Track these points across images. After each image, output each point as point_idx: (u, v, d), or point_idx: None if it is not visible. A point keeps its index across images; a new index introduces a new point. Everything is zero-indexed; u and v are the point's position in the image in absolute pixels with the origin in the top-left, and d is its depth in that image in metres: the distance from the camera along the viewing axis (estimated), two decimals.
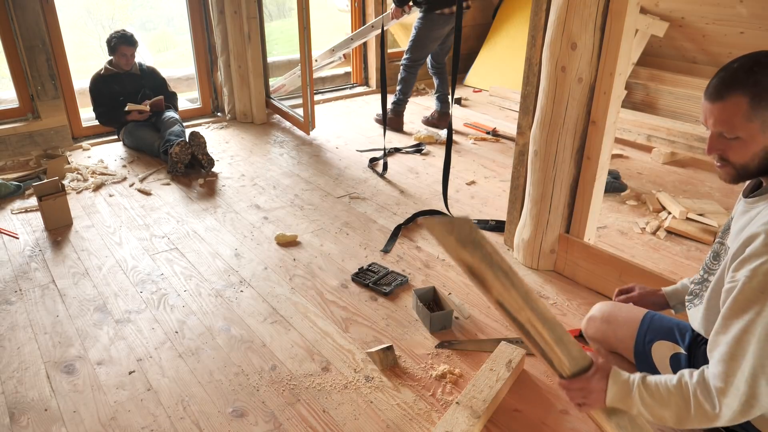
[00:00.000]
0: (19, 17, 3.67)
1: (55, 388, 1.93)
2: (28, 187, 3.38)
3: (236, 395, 1.89)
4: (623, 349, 1.62)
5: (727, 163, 1.29)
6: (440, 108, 4.52)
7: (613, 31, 2.12)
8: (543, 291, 2.45)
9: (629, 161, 3.83)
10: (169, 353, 2.09)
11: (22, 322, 2.26)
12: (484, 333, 2.19)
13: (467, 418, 1.70)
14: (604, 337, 1.66)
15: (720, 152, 1.28)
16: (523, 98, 2.52)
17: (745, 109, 1.20)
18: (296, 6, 3.91)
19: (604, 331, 1.65)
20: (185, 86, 5.53)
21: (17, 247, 2.80)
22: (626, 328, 1.60)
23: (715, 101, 1.24)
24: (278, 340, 2.15)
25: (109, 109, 3.99)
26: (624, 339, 1.60)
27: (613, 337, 1.63)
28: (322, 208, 3.21)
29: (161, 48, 10.73)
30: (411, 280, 2.53)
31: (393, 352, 2.02)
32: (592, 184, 2.36)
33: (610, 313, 1.65)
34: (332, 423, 1.78)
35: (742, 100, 1.20)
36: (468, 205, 3.25)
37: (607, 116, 2.22)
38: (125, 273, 2.59)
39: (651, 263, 2.59)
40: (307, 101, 4.20)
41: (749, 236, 1.21)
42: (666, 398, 1.24)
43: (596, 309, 1.71)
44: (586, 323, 1.72)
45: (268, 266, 2.64)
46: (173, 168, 3.62)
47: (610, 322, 1.64)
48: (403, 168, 3.77)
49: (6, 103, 4.13)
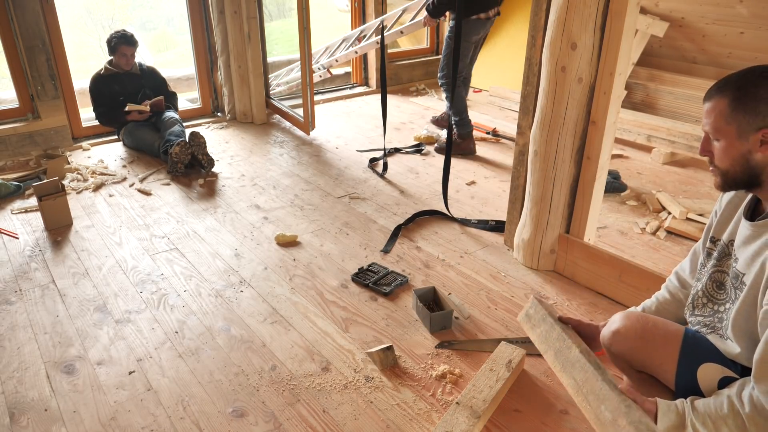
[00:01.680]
0: (19, 17, 3.67)
1: (55, 388, 1.93)
2: (28, 187, 3.38)
3: (236, 395, 1.89)
4: (660, 371, 1.46)
5: (715, 167, 1.31)
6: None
7: (613, 31, 2.12)
8: (543, 291, 2.45)
9: (629, 161, 3.83)
10: (169, 353, 2.09)
11: (22, 322, 2.26)
12: (484, 333, 2.19)
13: (467, 418, 1.70)
14: (634, 357, 1.49)
15: (708, 154, 1.31)
16: (523, 98, 2.52)
17: (725, 112, 1.24)
18: (296, 6, 3.92)
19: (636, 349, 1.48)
20: (185, 86, 5.53)
21: (17, 247, 2.80)
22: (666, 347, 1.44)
23: (705, 101, 1.30)
24: (278, 340, 2.15)
25: (109, 109, 3.99)
26: (663, 361, 1.44)
27: (648, 357, 1.46)
28: (322, 208, 3.21)
29: (161, 48, 10.73)
30: (411, 280, 2.53)
31: (393, 352, 2.02)
32: (592, 184, 2.36)
33: (643, 330, 1.48)
34: (332, 423, 1.78)
35: (724, 103, 1.24)
36: (468, 205, 3.25)
37: (607, 116, 2.22)
38: (125, 273, 2.59)
39: (651, 263, 2.59)
40: (307, 101, 4.20)
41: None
42: (719, 425, 1.22)
43: (620, 322, 1.52)
44: (611, 338, 1.54)
45: (268, 266, 2.64)
46: (173, 168, 3.62)
47: (646, 340, 1.47)
48: (403, 168, 3.77)
49: (6, 103, 4.13)
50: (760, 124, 1.21)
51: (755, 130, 1.22)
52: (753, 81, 1.21)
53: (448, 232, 2.95)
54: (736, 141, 1.24)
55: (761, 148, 1.23)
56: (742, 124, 1.22)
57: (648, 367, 1.50)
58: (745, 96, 1.21)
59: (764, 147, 1.22)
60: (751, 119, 1.21)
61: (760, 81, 1.21)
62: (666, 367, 1.44)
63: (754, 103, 1.21)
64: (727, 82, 1.25)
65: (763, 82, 1.21)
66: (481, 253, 2.75)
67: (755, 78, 1.22)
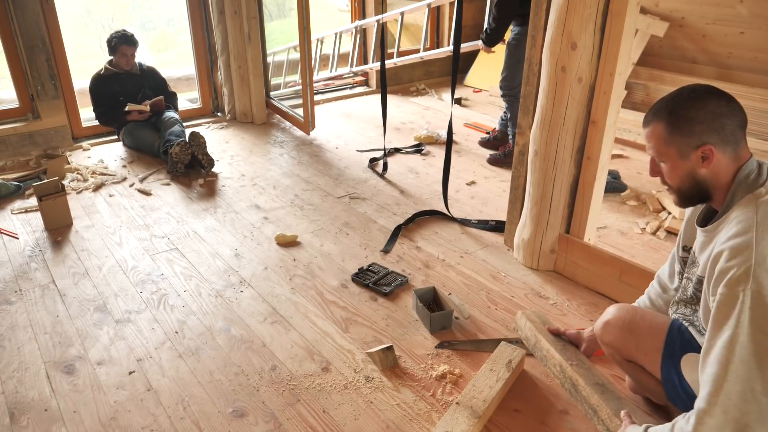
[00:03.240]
0: (19, 17, 3.67)
1: (55, 388, 1.93)
2: (28, 187, 3.38)
3: (236, 395, 1.89)
4: (646, 361, 1.55)
5: (668, 186, 1.38)
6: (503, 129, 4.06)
7: (613, 31, 2.12)
8: (543, 291, 2.45)
9: (629, 161, 3.83)
10: (169, 353, 2.09)
11: (22, 322, 2.26)
12: (484, 333, 2.19)
13: (467, 418, 1.70)
14: (623, 346, 1.58)
15: (658, 174, 1.38)
16: (523, 98, 2.52)
17: (663, 136, 1.31)
18: (296, 6, 3.92)
19: (624, 339, 1.57)
20: (185, 86, 5.54)
21: (17, 247, 2.80)
22: (651, 338, 1.52)
23: (644, 127, 1.38)
24: (278, 340, 2.15)
25: (109, 109, 3.99)
26: (648, 351, 1.53)
27: (635, 347, 1.55)
28: (322, 208, 3.21)
29: (161, 48, 10.73)
30: (411, 280, 2.53)
31: (393, 352, 2.02)
32: (592, 184, 2.36)
33: (631, 321, 1.57)
34: (332, 423, 1.78)
35: (660, 127, 1.32)
36: (468, 205, 3.25)
37: (607, 116, 2.22)
38: (125, 273, 2.59)
39: (651, 263, 2.59)
40: (307, 101, 4.20)
41: (715, 256, 1.25)
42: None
43: (612, 313, 1.62)
44: (602, 328, 1.64)
45: (268, 266, 2.64)
46: (173, 168, 3.62)
47: (632, 331, 1.55)
48: (403, 168, 3.77)
49: (6, 103, 4.13)
50: (697, 142, 1.27)
51: (694, 149, 1.28)
52: (683, 104, 1.28)
53: (448, 232, 2.95)
54: (679, 161, 1.31)
55: (704, 163, 1.29)
56: (681, 146, 1.29)
57: (636, 358, 1.57)
58: (678, 119, 1.28)
59: (706, 162, 1.29)
60: (688, 139, 1.28)
61: (690, 102, 1.28)
62: (651, 357, 1.52)
63: (688, 125, 1.27)
64: (660, 108, 1.32)
65: (693, 104, 1.27)
66: (481, 253, 2.75)
67: (684, 100, 1.29)
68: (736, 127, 1.27)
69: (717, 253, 1.24)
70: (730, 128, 1.26)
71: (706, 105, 1.26)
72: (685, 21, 3.93)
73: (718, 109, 1.26)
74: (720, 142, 1.27)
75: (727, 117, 1.26)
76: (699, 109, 1.26)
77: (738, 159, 1.29)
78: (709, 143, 1.27)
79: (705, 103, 1.27)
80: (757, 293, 1.14)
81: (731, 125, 1.26)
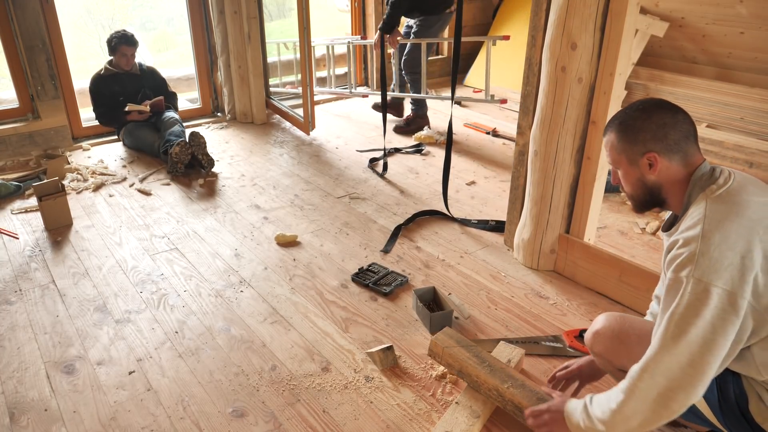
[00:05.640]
0: (19, 17, 3.67)
1: (55, 388, 1.93)
2: (28, 187, 3.38)
3: (236, 395, 1.89)
4: None
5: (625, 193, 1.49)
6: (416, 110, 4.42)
7: (613, 31, 2.12)
8: (543, 291, 2.45)
9: None
10: (169, 353, 2.09)
11: (22, 322, 2.26)
12: (484, 333, 2.19)
13: (467, 418, 1.70)
14: (614, 356, 1.58)
15: (618, 182, 1.50)
16: (523, 98, 2.52)
17: (615, 144, 1.44)
18: (296, 6, 3.92)
19: (614, 348, 1.57)
20: (185, 86, 5.53)
21: (17, 247, 2.80)
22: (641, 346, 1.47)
23: (603, 136, 1.51)
24: (278, 340, 2.15)
25: (109, 109, 3.99)
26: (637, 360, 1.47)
27: (625, 356, 1.54)
28: (322, 208, 3.21)
29: (161, 48, 10.73)
30: (411, 280, 2.53)
31: (393, 352, 2.02)
32: (592, 184, 2.36)
33: (621, 331, 1.57)
34: (332, 423, 1.78)
35: (613, 137, 1.45)
36: (468, 205, 3.25)
37: (607, 116, 2.22)
38: (125, 273, 2.59)
39: (651, 263, 2.59)
40: (307, 101, 4.20)
41: (670, 244, 1.35)
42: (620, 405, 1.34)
43: (602, 323, 1.62)
44: (591, 339, 1.63)
45: (268, 266, 2.64)
46: (173, 168, 3.62)
47: (622, 340, 1.56)
48: (403, 168, 3.77)
49: (6, 103, 4.13)
50: (643, 150, 1.39)
51: (641, 156, 1.40)
52: (632, 115, 1.41)
53: (448, 232, 2.95)
54: (629, 168, 1.43)
55: (651, 170, 1.40)
56: (629, 153, 1.41)
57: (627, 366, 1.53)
58: (626, 128, 1.41)
59: (653, 169, 1.40)
60: (635, 147, 1.40)
61: (638, 114, 1.41)
62: None
63: (634, 134, 1.40)
64: (614, 119, 1.46)
65: (640, 115, 1.40)
66: (481, 253, 2.75)
67: (633, 111, 1.42)
68: (681, 136, 1.37)
69: (672, 242, 1.34)
70: (674, 137, 1.37)
71: (651, 116, 1.38)
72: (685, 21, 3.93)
73: (662, 120, 1.37)
74: (665, 150, 1.37)
75: (671, 127, 1.37)
76: (644, 120, 1.39)
77: (688, 165, 1.39)
78: (654, 151, 1.38)
79: (650, 114, 1.39)
80: (697, 280, 1.24)
81: (675, 135, 1.37)
